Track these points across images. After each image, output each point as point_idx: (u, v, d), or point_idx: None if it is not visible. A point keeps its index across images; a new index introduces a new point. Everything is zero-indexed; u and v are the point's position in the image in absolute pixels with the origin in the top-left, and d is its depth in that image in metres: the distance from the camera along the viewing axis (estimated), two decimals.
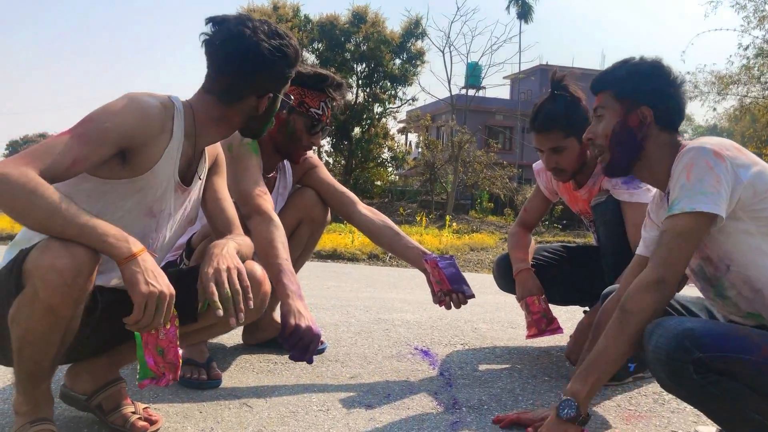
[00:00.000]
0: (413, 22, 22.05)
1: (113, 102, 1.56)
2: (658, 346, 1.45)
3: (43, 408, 1.54)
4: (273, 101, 1.77)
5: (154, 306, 1.38)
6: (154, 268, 1.41)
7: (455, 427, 1.89)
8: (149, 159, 1.60)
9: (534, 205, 2.82)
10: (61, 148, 1.44)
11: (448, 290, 2.30)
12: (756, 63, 17.82)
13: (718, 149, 1.55)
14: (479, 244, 10.43)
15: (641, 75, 1.73)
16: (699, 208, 1.51)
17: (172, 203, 1.72)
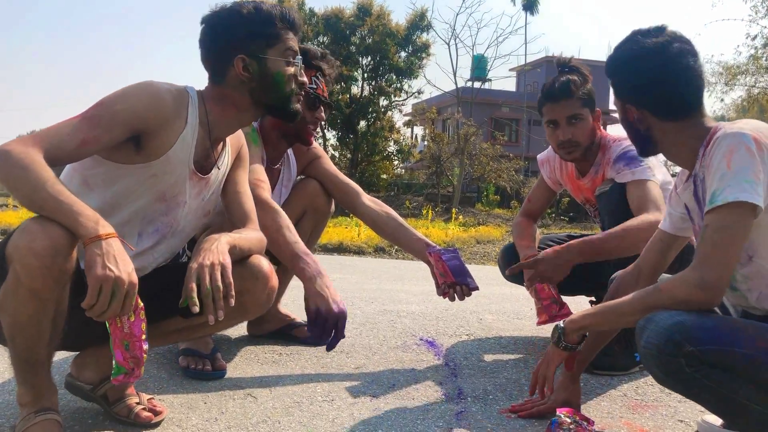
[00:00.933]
0: (418, 15, 21.97)
1: (128, 86, 1.61)
2: (649, 341, 1.43)
3: (47, 397, 1.53)
4: (259, 63, 1.70)
5: (109, 291, 1.31)
6: (119, 254, 1.35)
7: (460, 417, 1.88)
8: (163, 144, 1.62)
9: (538, 195, 2.80)
10: (69, 130, 1.49)
11: (452, 282, 2.29)
12: (764, 53, 17.70)
13: (759, 137, 1.44)
14: (485, 236, 10.42)
15: (617, 71, 1.64)
16: (744, 198, 1.40)
17: (188, 191, 1.72)
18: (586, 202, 2.69)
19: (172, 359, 2.29)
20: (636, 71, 1.61)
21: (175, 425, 1.75)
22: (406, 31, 21.65)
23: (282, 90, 1.74)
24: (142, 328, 1.40)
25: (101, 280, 1.31)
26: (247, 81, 1.70)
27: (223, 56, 1.69)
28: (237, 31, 1.68)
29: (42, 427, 1.48)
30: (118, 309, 1.34)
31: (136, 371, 1.41)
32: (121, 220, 1.64)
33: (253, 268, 1.73)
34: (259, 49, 1.70)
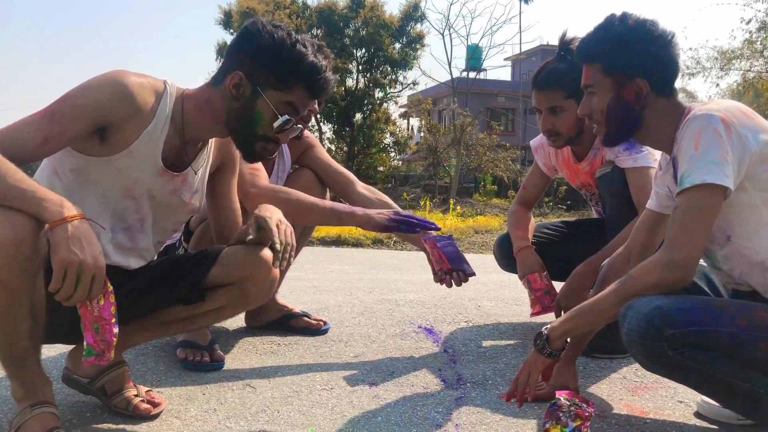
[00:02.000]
0: (412, 6, 21.89)
1: (92, 79, 1.56)
2: (631, 328, 1.45)
3: (41, 390, 1.51)
4: (251, 94, 1.62)
5: (74, 275, 1.29)
6: (84, 236, 1.32)
7: (459, 403, 1.88)
8: (125, 138, 1.58)
9: (533, 182, 2.78)
10: (30, 128, 1.46)
11: (449, 269, 2.28)
12: (759, 37, 17.69)
13: (726, 116, 1.47)
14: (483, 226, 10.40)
15: (628, 44, 1.62)
16: (710, 179, 1.42)
17: (157, 188, 1.69)
18: (582, 187, 2.67)
19: (170, 351, 2.28)
20: (652, 44, 1.61)
21: (174, 417, 1.74)
22: (400, 22, 21.57)
23: (252, 130, 1.66)
24: (112, 312, 1.38)
25: (65, 263, 1.28)
26: (230, 98, 1.63)
27: (230, 61, 1.65)
28: (258, 51, 1.61)
29: (38, 420, 1.47)
30: (85, 293, 1.32)
31: (106, 354, 1.39)
32: (91, 214, 1.59)
33: (256, 255, 1.71)
34: (261, 81, 1.62)
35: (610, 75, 1.65)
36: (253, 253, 1.72)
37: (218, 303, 1.75)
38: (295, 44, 1.62)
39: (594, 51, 1.67)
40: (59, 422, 1.51)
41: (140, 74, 1.62)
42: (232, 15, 20.45)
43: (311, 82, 1.65)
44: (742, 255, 1.57)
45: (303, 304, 3.02)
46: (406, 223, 2.08)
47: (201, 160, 1.77)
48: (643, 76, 1.62)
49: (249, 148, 1.70)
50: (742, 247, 1.56)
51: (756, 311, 1.48)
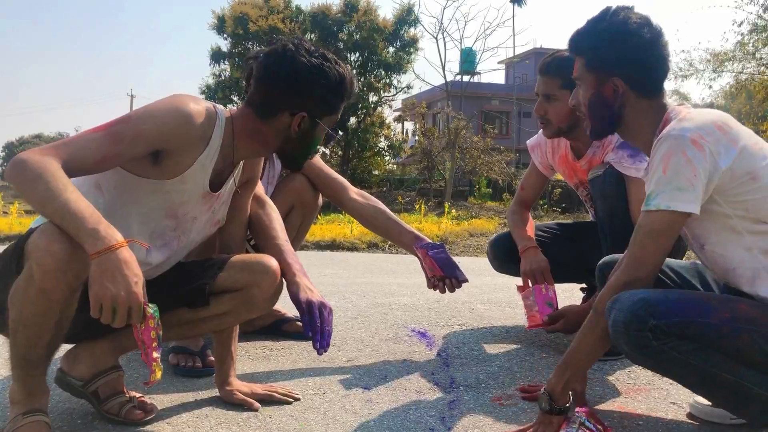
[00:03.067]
0: (405, 10, 21.95)
1: (156, 103, 1.60)
2: (616, 319, 1.46)
3: (38, 398, 1.53)
4: (311, 126, 1.70)
5: (109, 308, 1.32)
6: (119, 269, 1.32)
7: (452, 406, 1.88)
8: (181, 165, 1.63)
9: (530, 182, 2.77)
10: (92, 144, 1.48)
11: (441, 276, 2.28)
12: (751, 39, 17.74)
13: (698, 137, 1.46)
14: (478, 229, 10.40)
15: (610, 43, 1.62)
16: (674, 207, 1.46)
17: (198, 208, 1.74)
18: (579, 185, 2.66)
19: (162, 357, 2.27)
20: (632, 44, 1.61)
21: (166, 422, 1.73)
22: (394, 26, 21.62)
23: (310, 150, 1.78)
24: (152, 336, 1.40)
25: (100, 298, 1.31)
26: (289, 132, 1.69)
27: (286, 102, 1.66)
28: (313, 90, 1.66)
29: (30, 428, 1.48)
30: (123, 322, 1.34)
31: (149, 376, 1.44)
32: (128, 231, 1.64)
33: (263, 264, 1.77)
34: (318, 114, 1.70)
35: (591, 71, 1.66)
36: (260, 261, 1.77)
37: (222, 308, 1.76)
38: (340, 74, 1.69)
39: (581, 45, 1.69)
40: (50, 431, 1.51)
41: (197, 99, 1.66)
42: (225, 20, 20.45)
43: (350, 95, 1.75)
44: (716, 262, 1.61)
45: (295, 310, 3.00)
46: (315, 319, 1.75)
47: (235, 175, 1.82)
48: (621, 76, 1.62)
49: (300, 163, 1.82)
50: (716, 255, 1.59)
51: (739, 304, 1.50)
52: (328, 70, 1.67)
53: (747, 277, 1.54)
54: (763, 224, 1.51)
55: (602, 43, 1.63)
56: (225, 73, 21.46)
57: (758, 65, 18.16)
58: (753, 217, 1.51)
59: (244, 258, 1.81)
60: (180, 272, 1.81)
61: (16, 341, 1.48)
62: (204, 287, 1.74)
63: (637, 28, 1.61)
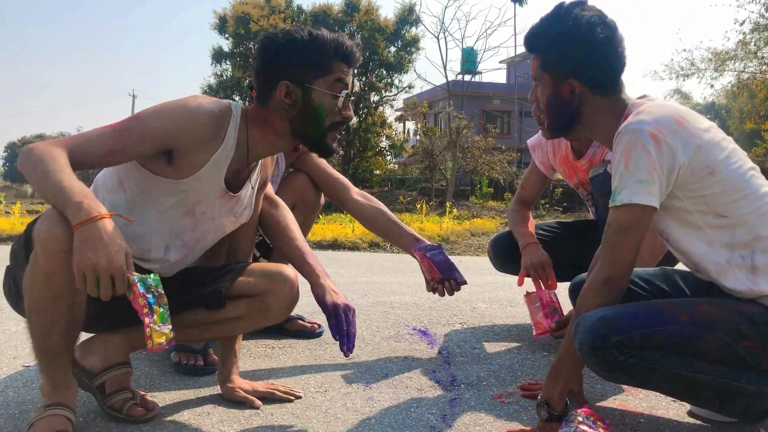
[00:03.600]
0: (407, 9, 21.92)
1: (167, 103, 1.63)
2: (581, 342, 1.48)
3: (62, 392, 1.57)
4: (304, 93, 1.66)
5: (92, 276, 1.31)
6: (100, 239, 1.33)
7: (454, 404, 1.88)
8: (195, 164, 1.64)
9: (531, 181, 2.76)
10: (99, 138, 1.53)
11: (440, 278, 2.28)
12: (752, 38, 17.73)
13: (655, 130, 1.47)
14: (480, 229, 10.41)
15: (562, 43, 1.61)
16: (635, 200, 1.47)
17: (217, 208, 1.75)
18: (579, 186, 2.66)
19: (164, 355, 2.28)
20: (584, 45, 1.60)
21: (168, 420, 1.74)
22: (395, 25, 21.59)
23: (321, 123, 1.69)
24: (140, 303, 1.39)
25: (81, 267, 1.31)
26: (288, 108, 1.66)
27: (269, 78, 1.66)
28: (287, 56, 1.64)
29: (48, 421, 1.52)
30: (108, 291, 1.33)
31: (156, 341, 1.40)
32: (148, 228, 1.69)
33: (282, 273, 1.80)
34: (306, 78, 1.65)
35: (547, 71, 1.66)
36: (279, 270, 1.80)
37: (238, 312, 1.78)
38: (311, 33, 1.66)
39: (534, 44, 1.69)
40: (69, 426, 1.54)
41: (211, 99, 1.67)
42: (227, 20, 20.46)
43: (342, 53, 1.68)
44: (681, 256, 1.63)
45: (297, 308, 3.00)
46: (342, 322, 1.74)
47: (253, 178, 1.83)
48: (576, 77, 1.62)
49: (323, 143, 1.74)
50: (680, 250, 1.60)
51: (698, 306, 1.51)
52: (294, 33, 1.65)
53: (711, 270, 1.56)
54: (722, 218, 1.52)
55: (555, 45, 1.63)
56: (227, 73, 21.45)
57: (760, 64, 18.14)
58: (713, 211, 1.52)
59: (264, 266, 1.85)
60: (200, 273, 1.84)
61: (32, 330, 1.52)
62: (221, 289, 1.76)
63: (589, 29, 1.59)
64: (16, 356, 2.29)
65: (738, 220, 1.51)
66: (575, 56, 1.61)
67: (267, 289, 1.77)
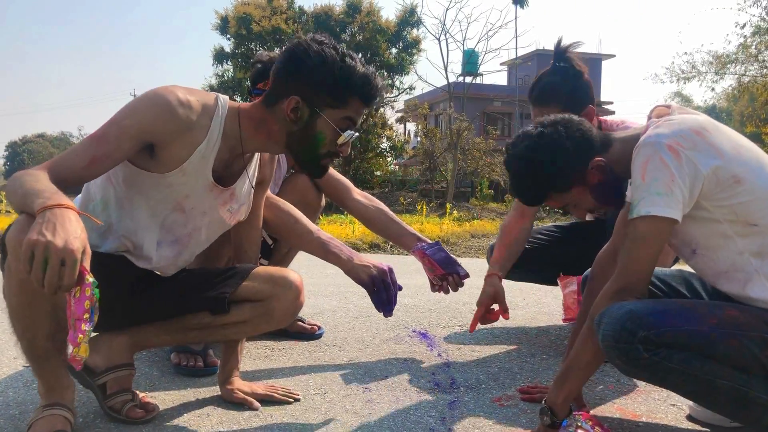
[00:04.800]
0: (408, 11, 21.93)
1: (139, 98, 1.59)
2: (606, 334, 1.47)
3: (58, 392, 1.57)
4: (310, 115, 1.62)
5: (41, 257, 1.20)
6: (62, 222, 1.25)
7: (453, 407, 1.88)
8: (177, 156, 1.61)
9: None
10: (80, 149, 1.51)
11: (443, 275, 2.27)
12: (753, 41, 17.73)
13: (674, 143, 1.46)
14: (480, 230, 10.40)
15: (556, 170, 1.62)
16: (654, 212, 1.46)
17: (207, 203, 1.73)
18: None
19: (164, 356, 2.28)
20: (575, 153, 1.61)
21: (168, 421, 1.74)
22: (397, 27, 21.60)
23: (316, 150, 1.67)
24: (86, 306, 1.27)
25: (31, 244, 1.21)
26: (290, 122, 1.63)
27: (283, 85, 1.62)
28: (311, 74, 1.59)
29: (47, 421, 1.52)
30: (54, 278, 1.22)
31: (72, 353, 1.27)
32: (139, 224, 1.68)
33: (287, 278, 1.79)
34: (318, 102, 1.62)
35: (567, 192, 1.65)
36: (284, 275, 1.79)
37: (242, 317, 1.77)
38: (344, 59, 1.62)
39: (532, 198, 1.70)
40: (67, 426, 1.54)
41: (188, 89, 1.63)
42: (228, 20, 20.46)
43: (365, 93, 1.65)
44: (707, 266, 1.60)
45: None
46: (384, 291, 1.88)
47: (250, 171, 1.81)
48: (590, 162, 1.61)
49: (315, 166, 1.72)
50: (707, 258, 1.59)
51: (726, 310, 1.50)
52: (328, 57, 1.60)
53: (739, 279, 1.55)
54: (752, 226, 1.51)
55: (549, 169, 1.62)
56: (228, 73, 21.46)
57: (761, 67, 18.14)
58: (742, 220, 1.51)
59: (269, 270, 1.83)
60: (204, 276, 1.83)
61: (17, 335, 1.51)
62: (226, 294, 1.75)
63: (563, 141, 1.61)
64: (16, 356, 2.29)
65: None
66: (573, 164, 1.61)
67: (271, 294, 1.76)
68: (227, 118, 1.66)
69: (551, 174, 1.62)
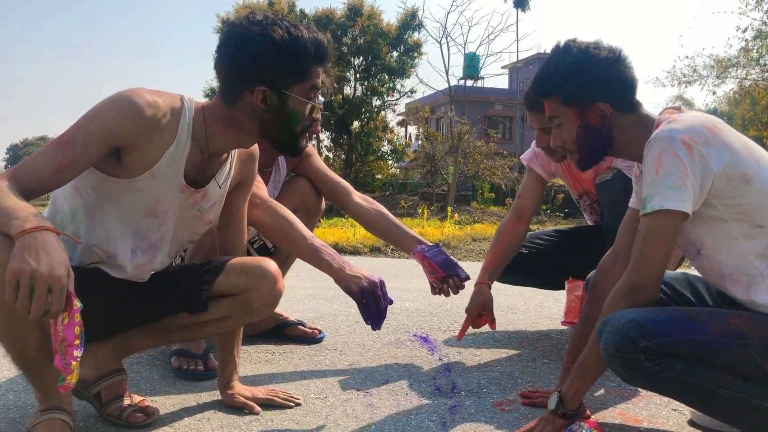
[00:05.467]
0: (409, 14, 21.98)
1: (103, 101, 1.53)
2: (607, 342, 1.46)
3: (55, 396, 1.54)
4: (279, 99, 1.58)
5: (26, 285, 1.19)
6: (44, 247, 1.23)
7: (454, 411, 1.88)
8: (146, 160, 1.56)
9: (527, 188, 2.62)
10: (45, 157, 1.45)
11: (443, 277, 2.27)
12: (755, 45, 17.77)
13: (687, 138, 1.47)
14: (481, 234, 10.40)
15: (579, 73, 1.63)
16: (667, 205, 1.45)
17: (178, 203, 1.67)
18: (583, 194, 2.65)
19: (165, 360, 2.28)
20: (602, 67, 1.63)
21: (167, 425, 1.74)
22: (398, 30, 21.65)
23: (293, 128, 1.64)
24: (76, 332, 1.26)
25: (16, 273, 1.19)
26: (261, 112, 1.59)
27: (241, 79, 1.57)
28: (265, 59, 1.54)
29: (46, 425, 1.51)
30: (42, 305, 1.20)
31: (66, 381, 1.27)
32: (112, 233, 1.63)
33: (262, 267, 1.75)
34: (283, 84, 1.58)
35: (570, 106, 1.66)
36: (259, 265, 1.76)
37: (221, 312, 1.76)
38: (290, 31, 1.56)
39: (547, 86, 1.70)
40: (67, 429, 1.52)
41: (154, 91, 1.57)
42: None
43: (319, 56, 1.61)
44: (712, 267, 1.60)
45: (298, 313, 3.02)
46: (374, 304, 1.84)
47: (223, 173, 1.75)
48: (603, 100, 1.63)
49: (294, 145, 1.69)
50: (712, 259, 1.58)
51: (729, 318, 1.49)
52: (272, 33, 1.53)
53: (743, 282, 1.54)
54: (758, 228, 1.50)
55: (574, 75, 1.64)
56: None
57: (762, 71, 18.16)
58: (749, 220, 1.50)
59: (243, 261, 1.79)
60: (180, 276, 1.80)
61: (5, 348, 1.49)
62: (202, 293, 1.73)
63: (598, 53, 1.63)
64: None
65: None
66: (593, 80, 1.63)
67: (248, 286, 1.73)
68: (194, 119, 1.61)
69: (581, 77, 1.63)
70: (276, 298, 1.79)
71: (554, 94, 1.68)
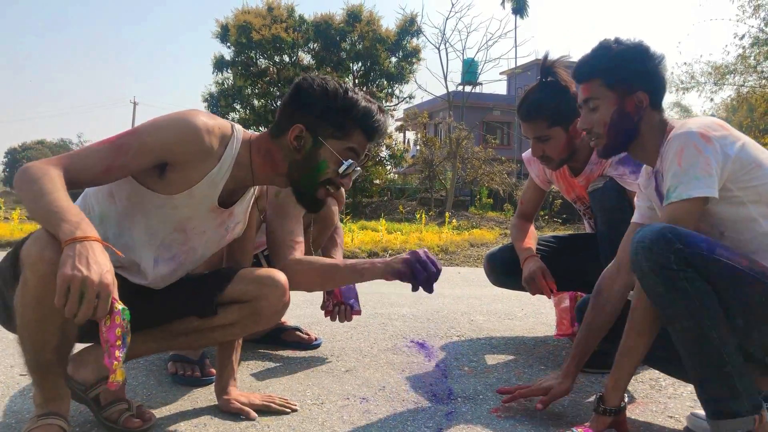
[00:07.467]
0: (408, 20, 21.98)
1: (166, 116, 1.62)
2: (643, 236, 1.52)
3: (55, 402, 1.56)
4: (313, 144, 1.67)
5: (77, 292, 1.25)
6: (92, 256, 1.29)
7: (450, 418, 1.88)
8: (188, 179, 1.63)
9: (529, 196, 2.82)
10: (97, 155, 1.52)
11: (338, 302, 2.35)
12: (752, 52, 17.79)
13: (705, 131, 1.58)
14: (479, 239, 10.41)
15: (629, 60, 1.74)
16: (694, 194, 1.55)
17: (208, 223, 1.75)
18: (577, 200, 2.68)
19: (161, 366, 2.28)
20: (650, 60, 1.74)
21: (164, 431, 1.74)
22: (396, 36, 21.65)
23: (317, 177, 1.70)
24: (117, 334, 1.32)
25: (68, 279, 1.26)
26: (293, 151, 1.68)
27: (289, 116, 1.68)
28: (313, 102, 1.66)
29: (42, 430, 1.51)
30: (90, 311, 1.28)
31: (110, 379, 1.34)
32: (138, 242, 1.68)
33: (272, 277, 1.79)
34: (321, 131, 1.67)
35: (612, 89, 1.75)
36: (270, 275, 1.79)
37: (230, 319, 1.78)
38: (347, 92, 1.68)
39: (594, 69, 1.78)
40: None
41: (210, 115, 1.66)
42: (229, 29, 20.50)
43: (367, 125, 1.70)
44: (736, 248, 1.63)
45: (295, 318, 3.02)
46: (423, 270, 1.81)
47: (248, 194, 1.84)
48: (644, 90, 1.73)
49: (310, 197, 1.74)
50: (735, 240, 1.64)
51: (759, 262, 1.56)
52: (330, 88, 1.67)
53: (764, 261, 1.59)
54: None
55: (623, 62, 1.74)
56: (228, 81, 21.50)
57: (759, 78, 18.20)
58: (765, 200, 1.60)
59: (254, 270, 1.83)
60: (191, 281, 1.84)
61: (25, 347, 1.50)
62: (213, 297, 1.76)
63: (648, 49, 1.75)
64: (13, 365, 2.29)
65: None
66: (642, 69, 1.74)
67: (258, 294, 1.77)
68: (241, 149, 1.70)
69: (632, 63, 1.73)
70: (283, 309, 1.82)
71: (598, 76, 1.76)
